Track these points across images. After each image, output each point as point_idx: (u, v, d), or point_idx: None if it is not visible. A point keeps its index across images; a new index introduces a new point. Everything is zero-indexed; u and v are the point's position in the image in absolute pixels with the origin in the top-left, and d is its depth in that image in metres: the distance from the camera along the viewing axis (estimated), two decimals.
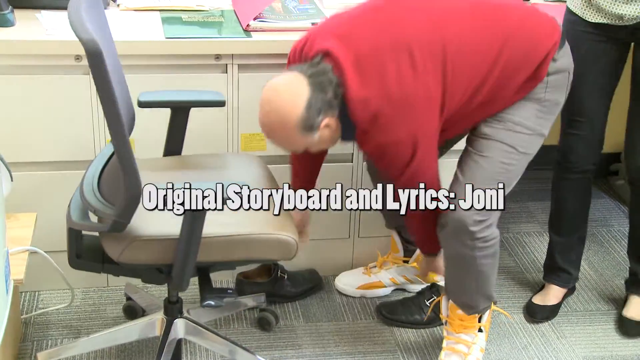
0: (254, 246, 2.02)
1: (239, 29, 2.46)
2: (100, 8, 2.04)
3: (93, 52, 1.69)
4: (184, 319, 2.25)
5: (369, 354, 2.44)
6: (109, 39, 2.03)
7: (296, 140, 1.98)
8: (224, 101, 2.29)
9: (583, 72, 2.36)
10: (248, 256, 2.05)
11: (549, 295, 2.66)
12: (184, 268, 1.96)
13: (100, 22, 1.99)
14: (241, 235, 2.01)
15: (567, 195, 2.58)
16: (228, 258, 2.04)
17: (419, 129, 1.99)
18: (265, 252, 2.04)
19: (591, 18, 2.30)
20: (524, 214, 3.23)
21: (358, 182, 2.66)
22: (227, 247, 2.01)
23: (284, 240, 2.02)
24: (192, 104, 2.29)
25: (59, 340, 2.43)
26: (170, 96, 2.28)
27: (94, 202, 1.95)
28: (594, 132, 2.47)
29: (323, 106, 1.93)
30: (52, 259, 2.25)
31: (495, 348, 2.49)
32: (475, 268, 2.19)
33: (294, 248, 2.03)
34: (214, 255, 2.01)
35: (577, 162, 2.50)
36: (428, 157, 2.06)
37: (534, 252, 2.99)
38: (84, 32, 1.71)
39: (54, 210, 2.34)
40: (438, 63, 1.97)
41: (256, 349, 2.40)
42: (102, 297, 2.62)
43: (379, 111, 1.94)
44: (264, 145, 2.55)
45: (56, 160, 2.42)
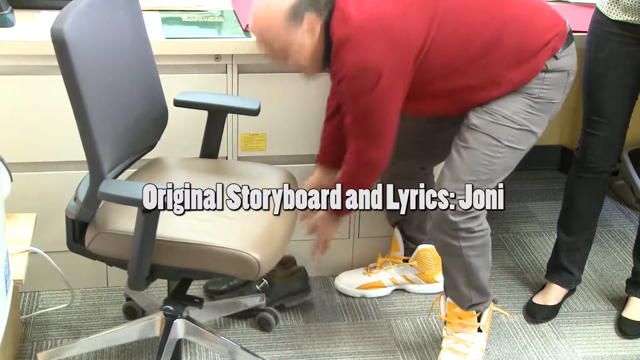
0: (212, 258, 1.96)
1: (239, 29, 2.47)
2: (126, 9, 2.09)
3: (54, 40, 1.79)
4: (184, 319, 2.25)
5: (368, 354, 2.44)
6: (119, 35, 2.05)
7: (279, 30, 1.98)
8: (257, 110, 2.27)
9: (605, 72, 2.36)
10: (205, 267, 1.99)
11: (549, 295, 2.66)
12: (137, 266, 1.95)
13: (115, 19, 2.03)
14: (200, 244, 1.96)
15: (581, 194, 2.58)
16: (185, 265, 1.99)
17: (387, 61, 1.98)
18: (222, 266, 1.97)
19: (616, 16, 2.30)
20: (524, 214, 3.23)
21: None
22: (184, 254, 1.97)
23: (244, 257, 1.95)
24: (227, 109, 2.30)
25: (58, 340, 2.43)
26: (206, 99, 2.30)
27: (79, 189, 2.00)
28: (614, 133, 2.46)
29: (312, 3, 1.97)
30: (51, 259, 2.25)
31: (495, 348, 2.49)
32: (462, 259, 2.21)
33: (255, 268, 1.95)
34: (170, 260, 1.98)
35: (594, 162, 2.50)
36: (387, 97, 2.02)
37: (534, 252, 2.99)
38: (56, 21, 1.79)
39: (53, 210, 2.34)
40: (427, 12, 2.00)
41: (256, 349, 2.40)
42: (102, 298, 2.62)
43: (354, 31, 1.95)
44: (264, 146, 2.55)
45: (56, 160, 2.42)
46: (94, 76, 1.89)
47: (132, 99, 2.08)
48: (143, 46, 2.16)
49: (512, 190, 3.36)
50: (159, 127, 2.25)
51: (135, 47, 2.12)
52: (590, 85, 2.43)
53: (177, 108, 2.28)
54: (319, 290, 2.71)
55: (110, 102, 1.98)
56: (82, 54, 1.84)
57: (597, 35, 2.36)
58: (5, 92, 2.34)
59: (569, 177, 2.60)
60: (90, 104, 1.86)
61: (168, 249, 1.97)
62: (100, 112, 1.90)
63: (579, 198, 2.58)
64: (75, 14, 1.84)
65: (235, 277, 2.21)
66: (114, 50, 2.03)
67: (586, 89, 2.45)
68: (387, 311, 2.64)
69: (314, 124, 2.57)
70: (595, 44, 2.36)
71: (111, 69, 2.00)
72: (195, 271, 2.03)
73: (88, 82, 1.85)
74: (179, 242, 1.97)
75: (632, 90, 2.41)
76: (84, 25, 1.87)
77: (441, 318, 2.39)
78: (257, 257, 1.95)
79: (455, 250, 2.20)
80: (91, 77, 1.87)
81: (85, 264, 2.23)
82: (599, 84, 2.39)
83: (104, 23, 1.99)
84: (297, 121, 2.50)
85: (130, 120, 2.07)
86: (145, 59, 2.16)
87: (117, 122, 2.01)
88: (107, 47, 2.00)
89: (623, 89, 2.39)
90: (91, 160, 1.91)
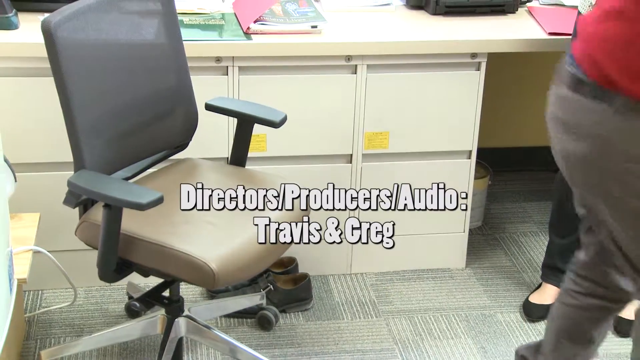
0: (169, 261, 1.96)
1: (240, 31, 2.50)
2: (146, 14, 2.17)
3: (43, 30, 1.89)
4: (185, 318, 2.28)
5: (367, 352, 2.48)
6: (125, 39, 2.12)
7: None
8: (278, 123, 2.26)
9: None
10: (164, 269, 2.00)
11: (545, 295, 2.69)
12: (103, 258, 1.98)
13: (120, 23, 2.09)
14: (160, 244, 1.96)
15: (570, 197, 2.60)
16: (147, 264, 2.01)
17: None
18: (179, 270, 1.96)
19: None
20: (520, 213, 3.26)
21: (357, 183, 2.69)
22: (147, 253, 1.98)
23: (199, 265, 1.92)
24: (253, 119, 2.29)
25: (62, 338, 2.46)
26: (234, 105, 2.34)
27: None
28: None
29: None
30: (55, 258, 2.28)
31: (492, 346, 2.53)
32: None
33: (210, 278, 1.91)
34: (135, 257, 2.01)
35: None
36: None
37: (530, 252, 3.03)
38: (50, 15, 1.90)
39: (57, 210, 2.35)
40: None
41: (256, 347, 2.43)
42: (105, 296, 2.65)
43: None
44: (264, 147, 2.58)
45: (60, 161, 2.44)
46: (83, 73, 1.96)
47: (137, 103, 2.13)
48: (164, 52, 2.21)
49: (508, 190, 3.39)
50: (187, 128, 2.28)
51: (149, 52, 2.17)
52: None
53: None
54: (318, 289, 2.74)
55: (105, 103, 2.04)
56: (71, 49, 1.92)
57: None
58: (10, 93, 2.37)
59: (556, 180, 2.63)
60: (77, 98, 1.94)
61: (134, 245, 1.99)
62: (90, 109, 1.98)
63: (568, 201, 2.61)
64: (71, 12, 1.93)
65: (192, 284, 2.13)
66: (114, 53, 2.08)
67: None
68: (386, 310, 2.67)
69: (313, 124, 2.61)
70: None
71: (108, 71, 2.06)
72: (157, 271, 2.04)
73: (76, 78, 1.94)
74: (142, 239, 1.98)
75: None
76: (78, 23, 1.95)
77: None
78: (214, 267, 1.91)
79: None
80: (81, 74, 1.94)
81: (89, 263, 2.25)
82: None
83: (104, 26, 2.05)
84: (297, 122, 2.53)
85: (135, 123, 2.12)
86: (165, 63, 2.21)
87: (115, 123, 2.07)
88: (105, 49, 2.06)
89: None
90: (73, 151, 1.98)
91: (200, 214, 2.09)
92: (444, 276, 2.85)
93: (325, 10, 2.70)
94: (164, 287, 2.30)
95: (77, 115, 1.96)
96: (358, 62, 2.55)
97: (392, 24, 2.68)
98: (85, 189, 1.94)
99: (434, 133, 2.69)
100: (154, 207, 1.85)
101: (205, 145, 2.47)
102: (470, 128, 2.70)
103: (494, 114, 3.09)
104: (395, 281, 2.81)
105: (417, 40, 2.56)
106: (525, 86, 3.36)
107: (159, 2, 2.17)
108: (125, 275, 2.06)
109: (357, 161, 2.67)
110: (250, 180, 2.24)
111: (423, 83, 2.62)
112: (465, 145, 2.72)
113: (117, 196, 1.88)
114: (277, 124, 2.27)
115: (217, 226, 2.06)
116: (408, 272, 2.85)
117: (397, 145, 2.68)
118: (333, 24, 2.60)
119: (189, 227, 2.05)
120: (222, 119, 2.43)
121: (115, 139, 2.07)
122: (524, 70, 3.30)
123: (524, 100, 3.40)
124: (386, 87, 2.60)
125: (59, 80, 1.94)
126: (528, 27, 2.68)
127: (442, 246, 2.85)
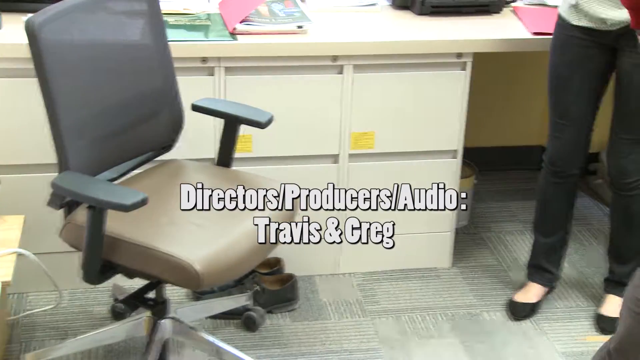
0: (153, 262, 1.95)
1: (225, 32, 2.49)
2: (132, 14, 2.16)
3: (26, 29, 1.88)
4: (171, 319, 2.27)
5: (354, 352, 2.48)
6: (110, 40, 2.11)
7: None
8: (264, 123, 2.26)
9: (569, 76, 2.40)
10: (148, 270, 1.99)
11: (530, 294, 2.71)
12: (87, 260, 1.97)
13: (106, 24, 2.08)
14: (144, 246, 1.95)
15: (553, 197, 2.62)
16: (132, 265, 2.00)
17: None
18: (163, 272, 1.95)
19: (576, 21, 2.34)
20: (506, 213, 3.27)
21: (344, 183, 2.69)
22: (131, 254, 1.97)
23: (183, 266, 1.91)
24: (239, 120, 2.28)
25: (46, 341, 2.44)
26: (220, 106, 2.33)
27: None
28: (580, 136, 2.50)
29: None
30: (39, 260, 2.26)
31: (477, 345, 2.54)
32: None
33: (195, 279, 1.90)
34: (120, 258, 2.00)
35: (562, 166, 2.54)
36: None
37: (516, 251, 3.04)
38: (34, 15, 1.89)
39: (41, 212, 2.34)
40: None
41: (242, 348, 2.43)
42: (89, 298, 2.63)
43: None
44: (250, 147, 2.58)
45: (44, 162, 2.42)
46: (68, 73, 1.95)
47: (122, 104, 2.12)
48: (150, 52, 2.19)
49: (494, 190, 3.40)
50: (173, 129, 2.27)
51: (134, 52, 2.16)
52: (556, 90, 2.46)
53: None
54: (304, 289, 2.74)
55: (90, 104, 2.02)
56: (55, 50, 1.91)
57: (560, 39, 2.40)
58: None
59: (540, 181, 2.64)
60: (61, 99, 1.93)
61: (118, 246, 1.98)
62: (74, 110, 1.97)
63: (552, 201, 2.63)
64: (55, 12, 1.91)
65: (177, 285, 2.07)
66: (99, 54, 2.07)
67: (552, 93, 2.48)
68: (372, 309, 2.67)
69: (300, 125, 2.61)
70: (560, 48, 2.40)
71: (93, 72, 2.04)
72: (142, 273, 2.03)
73: (60, 79, 1.92)
74: (126, 241, 1.97)
75: (597, 93, 2.46)
76: (63, 24, 1.94)
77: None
78: (199, 268, 1.90)
79: None
80: (65, 74, 1.93)
81: (73, 265, 2.23)
82: (564, 88, 2.43)
83: (89, 27, 2.04)
84: (283, 123, 2.53)
85: (120, 124, 2.11)
86: (151, 64, 2.20)
87: (99, 124, 2.06)
88: (90, 49, 2.04)
89: (588, 92, 2.43)
90: (57, 152, 1.97)
91: (185, 215, 2.08)
92: (430, 275, 2.86)
93: (311, 10, 2.69)
94: (149, 288, 2.29)
95: (61, 116, 1.94)
96: (344, 62, 2.55)
97: (378, 24, 2.68)
98: (69, 190, 1.93)
99: (420, 133, 2.69)
100: (139, 208, 1.84)
101: (192, 146, 2.45)
102: (456, 127, 2.71)
103: (479, 114, 3.10)
104: (381, 281, 2.81)
105: (403, 40, 2.56)
106: (511, 86, 3.37)
107: (145, 2, 2.16)
108: (109, 277, 2.05)
109: (343, 161, 2.67)
110: (236, 181, 2.23)
111: (409, 83, 2.62)
112: (451, 144, 2.73)
113: (101, 198, 1.87)
114: (264, 125, 2.26)
115: (203, 227, 2.05)
116: (394, 272, 2.85)
117: (384, 145, 2.68)
118: (319, 24, 2.59)
119: (173, 228, 2.04)
120: (208, 119, 2.42)
121: (99, 140, 2.06)
122: (510, 69, 3.31)
123: (510, 100, 3.41)
124: (372, 87, 2.60)
125: (42, 81, 1.92)
126: (513, 27, 2.70)
127: (428, 246, 2.86)
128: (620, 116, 2.43)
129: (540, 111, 3.38)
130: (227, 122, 2.32)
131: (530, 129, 3.48)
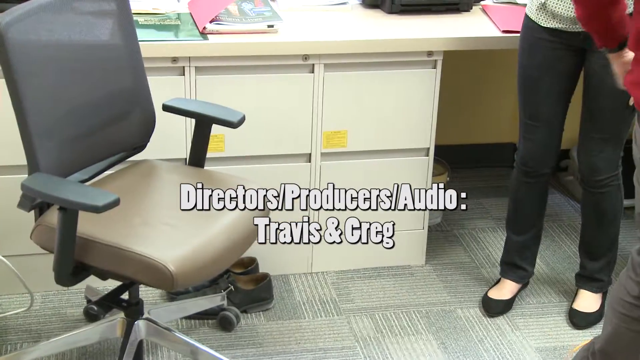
0: (126, 263, 1.94)
1: (196, 31, 2.48)
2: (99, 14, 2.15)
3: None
4: (145, 320, 2.26)
5: (329, 351, 2.48)
6: (78, 40, 2.09)
7: None
8: (236, 123, 2.25)
9: (539, 77, 2.42)
10: (121, 271, 1.97)
11: (504, 290, 2.73)
12: (59, 262, 1.96)
13: (74, 24, 2.07)
14: (117, 247, 1.94)
15: (525, 196, 2.64)
16: (104, 267, 1.98)
17: None
18: (136, 273, 1.94)
19: (546, 23, 2.35)
20: (478, 210, 3.30)
21: (316, 182, 2.70)
22: (103, 255, 1.96)
23: (157, 267, 1.90)
24: (211, 120, 2.27)
25: (18, 344, 2.42)
26: (192, 106, 2.32)
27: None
28: (551, 137, 2.52)
29: None
30: (10, 263, 2.24)
31: (452, 341, 2.55)
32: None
33: (169, 280, 1.89)
34: (92, 259, 1.98)
35: (534, 166, 2.56)
36: None
37: (489, 248, 3.07)
38: (1, 15, 1.87)
39: (12, 214, 2.32)
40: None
41: (217, 348, 2.42)
42: (62, 300, 2.61)
43: None
44: (222, 147, 2.58)
45: (13, 164, 2.40)
46: (35, 74, 1.94)
47: (93, 104, 2.11)
48: (119, 52, 2.19)
49: (466, 187, 3.42)
50: (145, 129, 2.26)
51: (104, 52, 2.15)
52: (525, 91, 2.48)
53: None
54: (279, 288, 2.74)
55: (59, 104, 2.01)
56: (23, 50, 1.90)
57: (529, 41, 2.41)
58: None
59: (511, 180, 2.66)
60: (29, 100, 1.91)
61: (90, 248, 1.97)
62: (43, 111, 1.96)
63: (523, 200, 2.65)
64: (22, 13, 1.91)
65: (151, 286, 2.06)
66: (68, 54, 2.06)
67: (522, 95, 2.50)
68: (347, 308, 2.68)
69: (272, 124, 2.61)
70: (528, 50, 2.41)
71: (62, 72, 2.03)
72: (115, 274, 2.02)
73: (28, 80, 1.91)
74: (98, 242, 1.96)
75: (567, 94, 2.48)
76: (30, 24, 1.93)
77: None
78: (172, 269, 1.89)
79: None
80: (33, 75, 1.92)
81: (45, 267, 2.22)
82: (534, 90, 2.44)
83: (57, 27, 2.02)
84: (255, 122, 2.53)
85: (91, 124, 2.10)
86: (121, 64, 2.19)
87: (69, 125, 2.04)
88: (58, 50, 2.03)
89: (558, 93, 2.45)
90: (26, 153, 1.96)
91: (158, 216, 2.08)
92: (404, 273, 2.87)
93: (282, 9, 2.70)
94: (122, 289, 2.28)
95: (30, 117, 1.93)
96: (315, 61, 2.55)
97: (349, 23, 2.69)
98: (39, 192, 1.91)
99: (392, 131, 2.71)
100: (110, 209, 1.83)
101: (164, 147, 2.45)
102: (427, 125, 2.73)
103: (451, 112, 3.12)
104: (355, 279, 2.82)
105: (373, 39, 2.57)
106: (482, 83, 3.40)
107: (114, 2, 2.15)
108: (82, 279, 2.03)
109: (316, 160, 2.68)
110: (209, 181, 2.23)
111: (380, 81, 2.63)
112: (423, 142, 2.75)
113: (72, 199, 1.85)
114: (235, 124, 2.26)
115: (176, 227, 2.05)
116: (368, 270, 2.86)
117: (356, 143, 2.69)
118: (289, 23, 2.60)
119: (146, 228, 2.03)
120: (179, 119, 2.42)
121: (70, 141, 2.05)
122: (480, 67, 3.34)
123: (480, 97, 3.44)
124: (344, 86, 2.61)
125: (10, 81, 1.91)
126: (482, 25, 2.72)
127: (402, 243, 2.87)
128: (591, 115, 2.45)
129: (511, 108, 3.41)
130: (198, 122, 2.32)
131: (501, 127, 3.51)
